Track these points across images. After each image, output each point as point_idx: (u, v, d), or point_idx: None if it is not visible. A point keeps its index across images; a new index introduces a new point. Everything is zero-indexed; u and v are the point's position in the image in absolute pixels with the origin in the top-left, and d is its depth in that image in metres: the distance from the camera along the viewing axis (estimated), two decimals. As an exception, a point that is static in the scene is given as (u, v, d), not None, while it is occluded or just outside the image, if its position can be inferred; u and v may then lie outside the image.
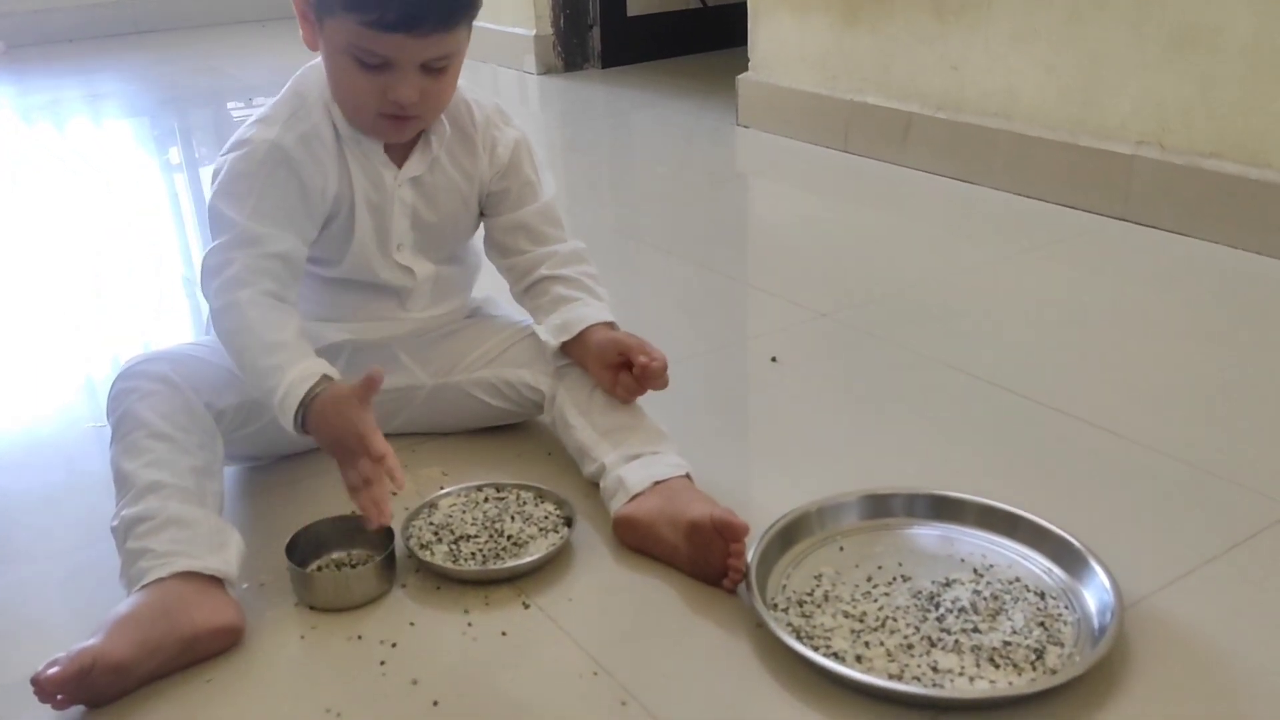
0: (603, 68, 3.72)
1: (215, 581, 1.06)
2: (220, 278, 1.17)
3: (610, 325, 1.30)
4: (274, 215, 1.19)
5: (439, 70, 1.17)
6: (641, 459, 1.20)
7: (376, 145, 1.25)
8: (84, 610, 1.08)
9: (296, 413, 1.11)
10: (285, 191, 1.20)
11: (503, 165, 1.32)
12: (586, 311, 1.30)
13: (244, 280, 1.17)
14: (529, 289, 1.35)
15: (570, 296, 1.32)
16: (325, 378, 1.13)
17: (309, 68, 1.25)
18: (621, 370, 1.26)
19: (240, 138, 1.21)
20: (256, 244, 1.18)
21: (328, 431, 1.10)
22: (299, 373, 1.12)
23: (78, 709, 0.99)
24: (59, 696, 0.96)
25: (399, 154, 1.27)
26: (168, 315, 1.99)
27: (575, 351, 1.30)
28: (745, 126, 2.88)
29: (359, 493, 1.07)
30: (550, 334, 1.31)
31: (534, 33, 3.66)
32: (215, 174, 1.22)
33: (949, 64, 2.35)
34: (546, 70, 3.68)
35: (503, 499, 1.24)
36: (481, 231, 1.38)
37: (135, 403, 1.14)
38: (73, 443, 1.49)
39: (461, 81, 1.27)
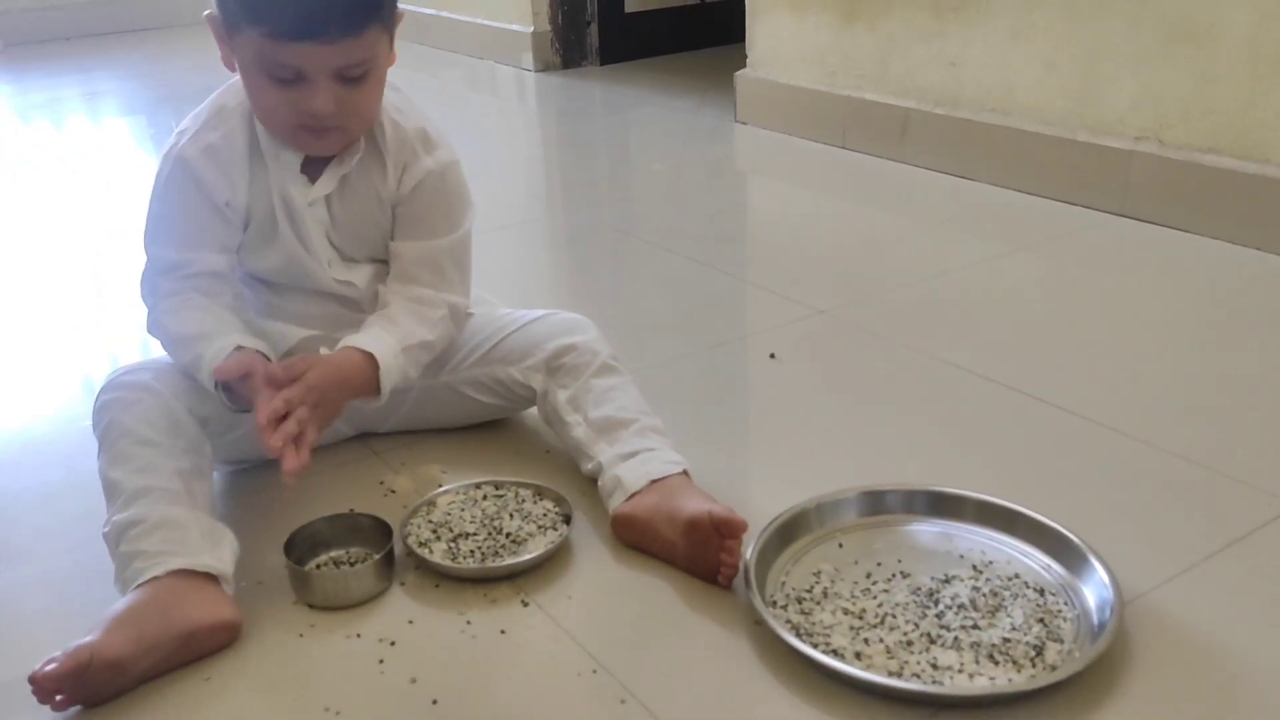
0: (601, 64, 3.71)
1: (210, 579, 1.06)
2: (151, 305, 1.24)
3: (367, 356, 1.20)
4: (189, 236, 1.23)
5: (356, 79, 1.14)
6: (638, 456, 1.20)
7: (295, 159, 1.23)
8: (82, 609, 1.08)
9: (216, 388, 1.16)
10: (195, 208, 1.22)
11: (405, 193, 1.27)
12: (358, 337, 1.22)
13: (170, 301, 1.23)
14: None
15: (367, 324, 1.24)
16: (238, 349, 1.16)
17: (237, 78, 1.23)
18: None
19: (162, 152, 1.24)
20: (178, 268, 1.23)
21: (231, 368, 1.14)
22: (212, 355, 1.15)
23: (76, 708, 0.98)
24: (58, 697, 0.96)
25: (316, 168, 1.25)
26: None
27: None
28: (743, 123, 2.88)
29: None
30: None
31: (531, 29, 3.65)
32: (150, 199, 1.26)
33: (947, 60, 2.35)
34: (544, 67, 3.68)
35: (501, 496, 1.24)
36: None
37: (119, 413, 1.15)
38: (71, 442, 1.49)
39: (390, 95, 1.24)
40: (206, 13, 1.18)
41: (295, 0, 1.08)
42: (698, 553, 1.10)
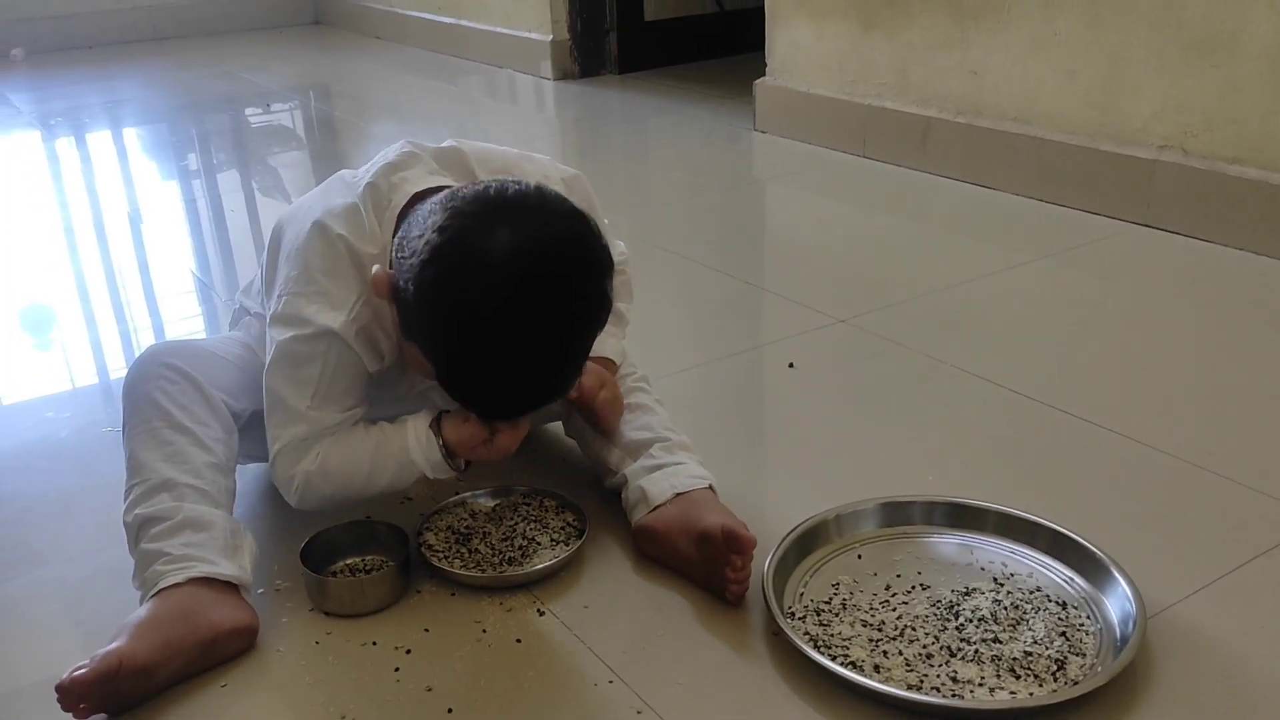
0: (619, 73, 3.72)
1: (231, 586, 1.06)
2: (291, 463, 1.13)
3: (607, 362, 1.25)
4: (337, 397, 1.13)
5: None
6: (664, 469, 1.20)
7: None
8: (99, 614, 1.08)
9: (447, 460, 1.13)
10: (347, 377, 1.13)
11: None
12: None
13: (320, 450, 1.14)
14: None
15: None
16: (435, 418, 1.14)
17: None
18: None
19: (297, 313, 1.10)
20: (320, 424, 1.13)
21: (462, 450, 1.13)
22: (414, 439, 1.13)
23: (99, 716, 0.98)
24: (81, 705, 0.96)
25: None
26: (184, 321, 1.99)
27: None
28: (763, 131, 2.87)
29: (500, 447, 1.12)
30: None
31: (551, 38, 3.66)
32: (270, 342, 1.13)
33: (968, 68, 2.34)
34: (563, 75, 3.68)
35: (526, 505, 1.24)
36: None
37: (154, 390, 1.13)
38: (89, 447, 1.49)
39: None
40: (376, 272, 1.05)
41: (512, 407, 1.04)
42: (710, 566, 1.09)
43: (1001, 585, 1.09)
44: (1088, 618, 1.04)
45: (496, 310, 0.96)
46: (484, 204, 1.00)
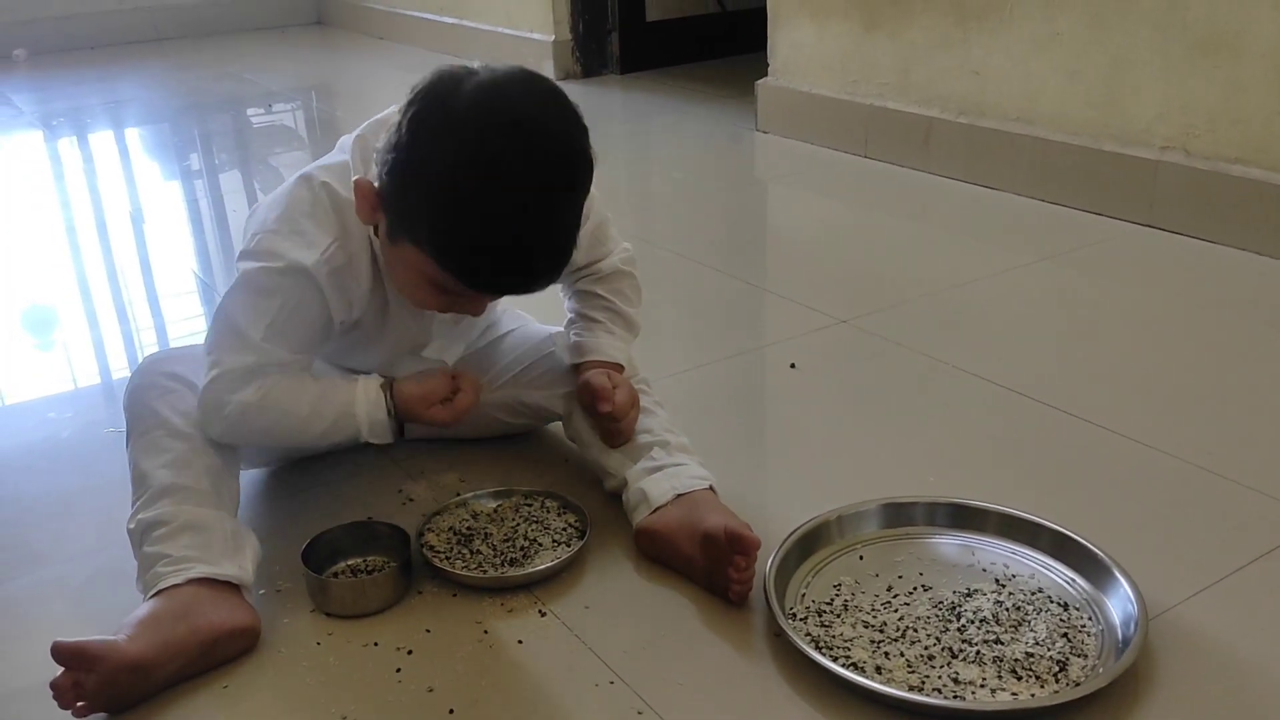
0: (621, 73, 3.72)
1: (231, 587, 1.06)
2: (235, 400, 1.11)
3: (614, 367, 1.27)
4: (289, 338, 1.12)
5: None
6: (664, 471, 1.19)
7: None
8: (101, 613, 1.08)
9: (390, 422, 1.14)
10: (307, 319, 1.12)
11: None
12: (601, 343, 1.28)
13: (261, 384, 1.12)
14: (571, 292, 1.35)
15: (595, 320, 1.30)
16: (385, 380, 1.15)
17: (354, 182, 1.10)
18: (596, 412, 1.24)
19: (270, 247, 1.11)
20: (269, 358, 1.12)
21: (419, 407, 1.14)
22: (362, 392, 1.13)
23: (99, 716, 0.98)
24: (80, 704, 0.96)
25: None
26: (186, 321, 1.99)
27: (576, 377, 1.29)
28: (765, 132, 2.87)
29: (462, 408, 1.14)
30: (565, 351, 1.31)
31: (553, 38, 3.66)
32: (236, 273, 1.13)
33: (970, 69, 2.33)
34: (565, 76, 3.68)
35: (528, 505, 1.24)
36: None
37: (154, 400, 1.14)
38: (90, 447, 1.49)
39: None
40: (357, 177, 1.07)
41: (501, 275, 1.02)
42: (713, 567, 1.09)
43: (1003, 586, 1.09)
44: (1089, 619, 1.04)
45: (480, 146, 0.97)
46: (445, 74, 1.02)
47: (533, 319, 1.42)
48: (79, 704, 0.96)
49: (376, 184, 1.06)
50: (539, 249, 1.02)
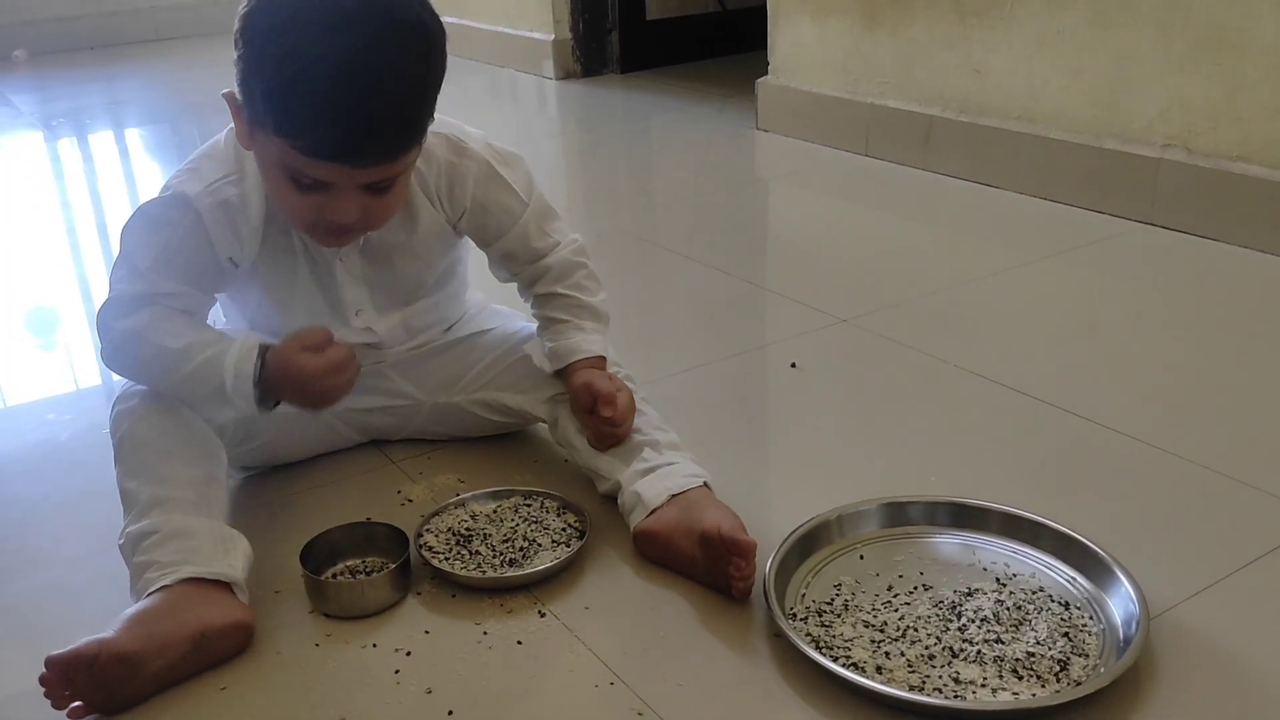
0: (622, 72, 3.71)
1: (222, 586, 1.06)
2: (120, 327, 1.14)
3: (598, 360, 1.27)
4: (175, 268, 1.14)
5: (383, 190, 1.09)
6: (657, 471, 1.19)
7: None
8: (100, 617, 1.07)
9: (255, 391, 1.11)
10: (191, 250, 1.14)
11: (464, 208, 1.24)
12: (576, 342, 1.27)
13: (146, 315, 1.14)
14: (531, 301, 1.34)
15: (562, 320, 1.29)
16: (263, 346, 1.13)
17: None
18: (593, 415, 1.23)
19: (167, 183, 1.17)
20: (163, 297, 1.15)
21: (291, 386, 1.12)
22: (241, 344, 1.12)
23: (92, 717, 0.98)
24: (76, 703, 0.96)
25: None
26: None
27: (565, 381, 1.29)
28: (765, 131, 2.87)
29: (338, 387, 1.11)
30: (544, 360, 1.31)
31: (553, 37, 3.65)
32: (133, 215, 1.18)
33: (971, 67, 2.33)
34: (565, 75, 3.68)
35: (527, 506, 1.24)
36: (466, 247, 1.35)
37: (134, 423, 1.15)
38: (90, 450, 1.49)
39: None
40: (225, 91, 1.11)
41: (334, 128, 1.01)
42: (714, 566, 1.09)
43: (1004, 586, 1.09)
44: (1091, 618, 1.04)
45: (289, 6, 1.00)
46: None
47: (517, 315, 1.42)
48: (74, 705, 0.96)
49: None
50: (359, 101, 1.00)
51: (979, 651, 0.99)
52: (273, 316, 1.26)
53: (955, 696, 0.95)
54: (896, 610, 1.06)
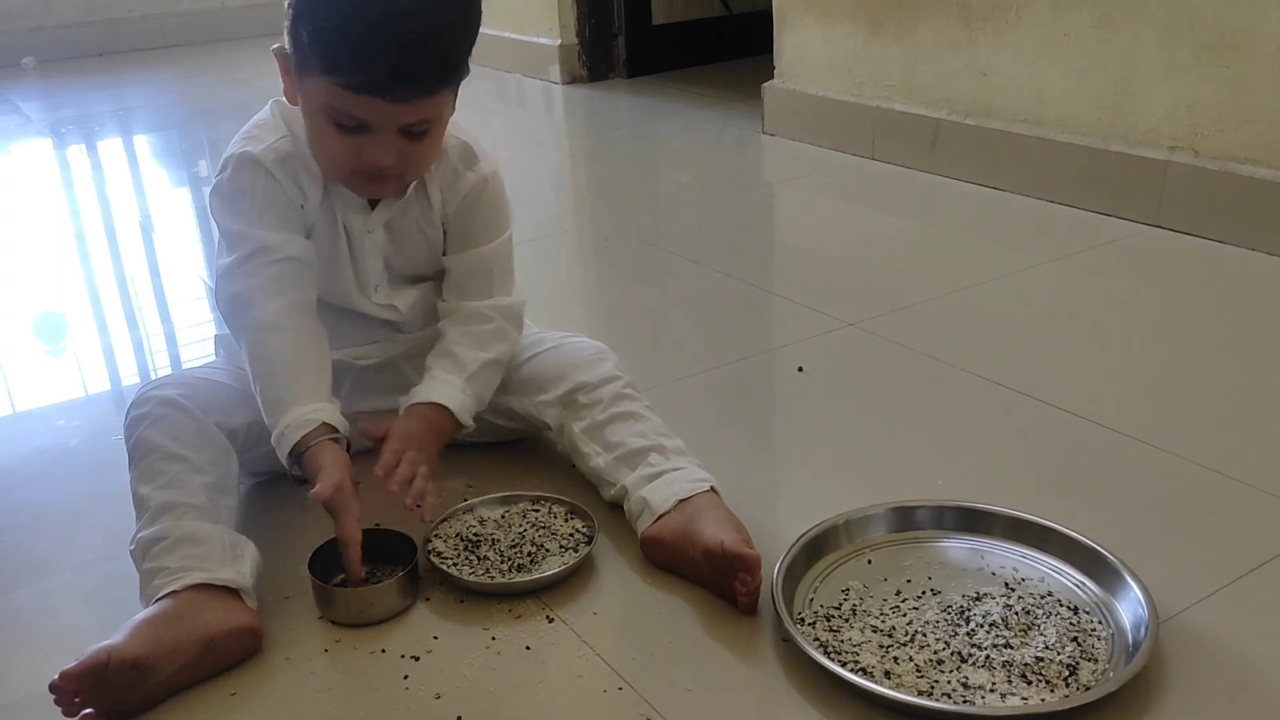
0: (628, 77, 3.72)
1: (230, 591, 1.07)
2: (241, 294, 1.19)
3: (430, 409, 1.23)
4: (274, 219, 1.21)
5: (420, 134, 1.15)
6: (664, 476, 1.19)
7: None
8: (109, 622, 1.08)
9: (290, 458, 1.14)
10: (275, 197, 1.21)
11: (452, 210, 1.29)
12: (420, 389, 1.24)
13: (269, 292, 1.19)
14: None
15: (428, 366, 1.27)
16: (324, 425, 1.14)
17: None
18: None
19: (225, 156, 1.24)
20: (268, 251, 1.20)
21: (312, 467, 1.13)
22: (296, 417, 1.14)
23: (101, 721, 0.98)
24: (86, 711, 0.96)
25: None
26: (194, 327, 1.99)
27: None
28: (771, 134, 2.87)
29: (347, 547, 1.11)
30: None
31: (559, 42, 3.66)
32: (210, 198, 1.25)
33: (977, 70, 2.33)
34: (571, 79, 3.68)
35: (535, 511, 1.24)
36: None
37: (147, 429, 1.16)
38: (100, 455, 1.49)
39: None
40: (275, 46, 1.17)
41: (377, 59, 1.07)
42: (719, 579, 1.09)
43: (1013, 590, 1.08)
44: (1100, 623, 1.03)
45: None
46: None
47: (529, 324, 1.41)
48: (84, 711, 0.97)
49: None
50: (402, 39, 1.07)
51: (988, 656, 0.99)
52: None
53: (964, 702, 0.94)
54: (905, 615, 1.05)
